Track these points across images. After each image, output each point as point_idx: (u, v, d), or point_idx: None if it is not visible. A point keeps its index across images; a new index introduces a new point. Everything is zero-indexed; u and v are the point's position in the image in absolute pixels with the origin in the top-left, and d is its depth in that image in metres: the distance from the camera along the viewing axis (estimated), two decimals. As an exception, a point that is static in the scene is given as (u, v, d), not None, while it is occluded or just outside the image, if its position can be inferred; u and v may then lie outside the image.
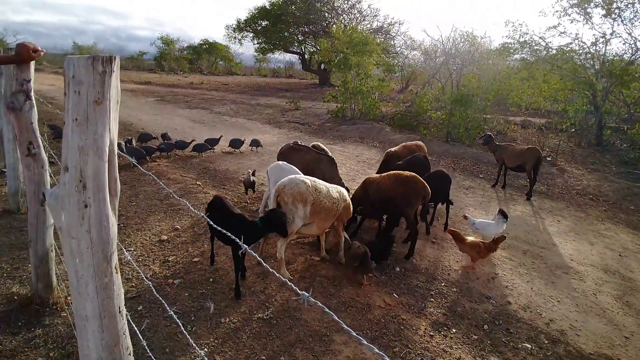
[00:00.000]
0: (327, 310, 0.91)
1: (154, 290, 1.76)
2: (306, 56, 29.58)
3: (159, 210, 4.49)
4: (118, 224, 1.13)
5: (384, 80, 13.51)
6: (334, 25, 26.11)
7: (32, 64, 2.30)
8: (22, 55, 2.14)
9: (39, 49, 2.21)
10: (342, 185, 4.16)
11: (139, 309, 2.72)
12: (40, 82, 18.57)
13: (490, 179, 7.20)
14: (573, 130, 9.91)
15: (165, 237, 3.80)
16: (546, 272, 3.82)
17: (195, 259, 3.45)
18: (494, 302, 3.23)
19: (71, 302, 2.69)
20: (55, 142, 6.89)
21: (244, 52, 38.19)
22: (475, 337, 2.77)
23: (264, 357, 2.38)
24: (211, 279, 3.14)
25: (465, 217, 4.37)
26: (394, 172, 4.03)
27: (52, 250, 2.58)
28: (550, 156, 8.58)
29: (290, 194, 3.11)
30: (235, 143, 7.85)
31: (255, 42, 28.36)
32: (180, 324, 1.50)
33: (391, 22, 26.42)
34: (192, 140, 7.47)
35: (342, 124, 12.27)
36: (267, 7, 26.74)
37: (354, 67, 12.86)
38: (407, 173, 3.92)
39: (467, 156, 8.80)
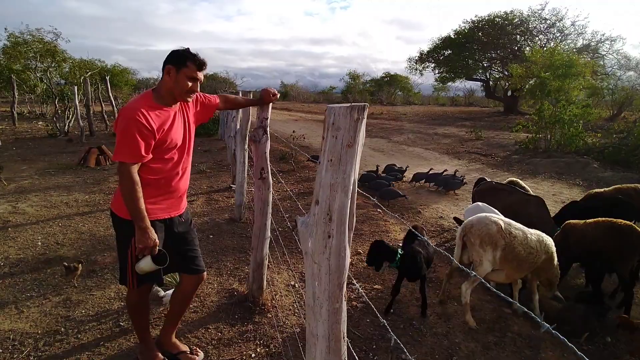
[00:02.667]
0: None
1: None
2: (491, 83, 27.61)
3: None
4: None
5: (589, 107, 11.27)
6: (527, 48, 23.66)
7: (270, 105, 2.83)
8: (265, 98, 2.65)
9: (276, 93, 2.71)
10: (552, 231, 3.54)
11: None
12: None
13: None
14: None
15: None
16: None
17: (376, 286, 3.53)
18: None
19: (275, 306, 3.13)
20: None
21: (423, 82, 38.52)
22: None
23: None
24: (391, 310, 3.14)
25: None
26: (605, 219, 3.27)
27: (266, 258, 3.06)
28: None
29: (478, 235, 2.85)
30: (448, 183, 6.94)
31: (437, 71, 28.17)
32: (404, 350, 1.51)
33: (600, 39, 22.22)
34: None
35: (534, 157, 10.79)
36: (452, 36, 26.32)
37: (554, 93, 11.22)
38: (621, 221, 3.18)
39: None
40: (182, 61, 1.95)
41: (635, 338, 2.69)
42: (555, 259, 3.05)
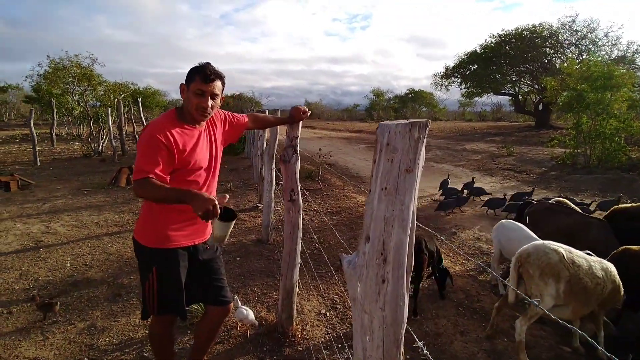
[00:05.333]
0: None
1: None
2: (520, 97, 26.84)
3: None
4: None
5: (628, 120, 10.57)
6: (558, 61, 22.91)
7: (300, 123, 2.68)
8: (296, 116, 2.51)
9: (307, 110, 2.56)
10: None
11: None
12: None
13: None
14: None
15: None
16: None
17: (416, 317, 3.25)
18: None
19: (306, 338, 2.92)
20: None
21: (448, 97, 38.01)
22: None
23: None
24: (432, 344, 2.86)
25: None
26: None
27: (296, 286, 2.86)
28: None
29: (537, 266, 2.53)
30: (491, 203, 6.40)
31: (463, 87, 27.70)
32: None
33: (637, 49, 21.24)
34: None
35: (573, 173, 10.20)
36: (478, 51, 25.90)
37: (593, 106, 10.66)
38: None
39: None
40: (190, 76, 1.84)
41: None
42: (622, 288, 2.69)
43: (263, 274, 3.97)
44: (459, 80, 27.99)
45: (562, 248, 2.63)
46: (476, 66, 26.17)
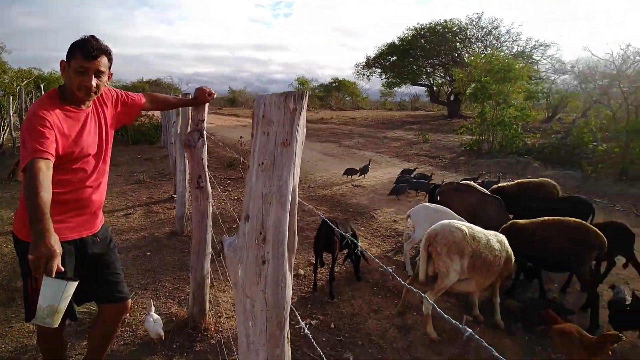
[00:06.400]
0: None
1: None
2: (434, 88, 28.77)
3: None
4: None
5: (525, 109, 11.99)
6: (466, 55, 24.93)
7: (206, 105, 2.52)
8: (200, 98, 2.35)
9: (213, 92, 2.41)
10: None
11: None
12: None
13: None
14: None
15: (301, 272, 3.78)
16: None
17: (334, 300, 3.30)
18: None
19: (220, 330, 2.80)
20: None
21: (370, 87, 39.31)
22: None
23: None
24: (348, 324, 2.93)
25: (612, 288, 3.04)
26: (553, 218, 3.25)
27: (208, 277, 2.72)
28: None
29: (445, 244, 2.70)
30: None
31: (383, 77, 28.84)
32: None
33: (535, 45, 23.95)
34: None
35: (479, 158, 11.24)
36: (396, 42, 27.11)
37: (494, 96, 11.79)
38: (568, 219, 3.17)
39: (656, 200, 6.98)
40: (71, 52, 1.62)
41: (559, 342, 2.51)
42: (512, 257, 2.99)
43: (176, 268, 3.73)
44: (380, 70, 29.08)
45: (465, 225, 2.84)
46: (395, 57, 27.38)
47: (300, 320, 1.09)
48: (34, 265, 1.30)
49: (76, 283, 1.40)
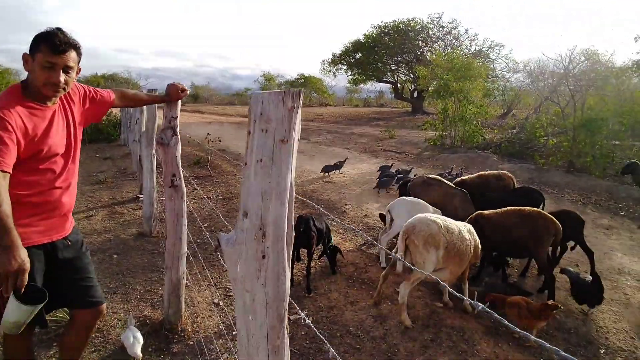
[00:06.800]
0: None
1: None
2: (398, 85, 29.43)
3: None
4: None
5: (483, 106, 12.61)
6: (428, 53, 25.71)
7: (179, 102, 2.46)
8: (173, 95, 2.30)
9: (186, 88, 2.36)
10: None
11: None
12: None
13: (635, 217, 6.03)
14: None
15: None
16: None
17: (311, 294, 3.34)
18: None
19: (197, 331, 2.76)
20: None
21: (336, 83, 39.55)
22: None
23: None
24: (325, 317, 2.98)
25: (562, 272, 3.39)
26: (514, 208, 3.53)
27: (183, 278, 2.67)
28: None
29: (422, 237, 2.81)
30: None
31: (349, 73, 29.14)
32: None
33: (491, 45, 25.10)
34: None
35: (442, 152, 11.67)
36: (362, 40, 27.45)
37: (456, 94, 12.25)
38: (529, 208, 3.47)
39: (599, 189, 7.56)
40: (35, 45, 1.53)
41: (509, 312, 2.79)
42: (480, 246, 3.16)
43: (146, 270, 3.62)
44: (346, 67, 29.35)
45: (439, 218, 2.96)
46: (360, 54, 27.74)
47: (300, 312, 1.11)
48: (0, 280, 1.26)
49: (44, 302, 1.39)
